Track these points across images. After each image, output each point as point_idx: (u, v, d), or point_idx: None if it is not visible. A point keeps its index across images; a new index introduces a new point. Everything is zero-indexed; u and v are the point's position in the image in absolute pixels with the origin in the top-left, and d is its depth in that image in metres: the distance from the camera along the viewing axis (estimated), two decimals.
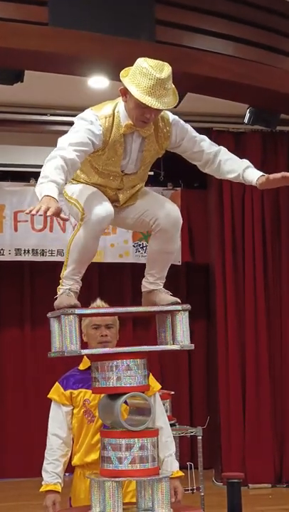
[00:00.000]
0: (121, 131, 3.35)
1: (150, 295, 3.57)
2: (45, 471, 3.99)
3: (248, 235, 8.97)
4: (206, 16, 6.13)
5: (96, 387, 3.30)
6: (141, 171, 3.51)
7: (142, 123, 3.32)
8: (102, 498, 3.19)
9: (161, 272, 3.58)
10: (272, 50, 6.46)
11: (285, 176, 3.40)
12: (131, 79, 3.26)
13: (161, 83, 3.21)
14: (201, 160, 3.54)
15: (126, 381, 3.22)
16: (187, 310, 3.38)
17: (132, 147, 3.41)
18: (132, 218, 3.58)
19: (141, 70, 3.24)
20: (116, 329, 4.04)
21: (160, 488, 3.18)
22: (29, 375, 9.30)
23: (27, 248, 8.97)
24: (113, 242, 8.90)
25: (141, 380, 3.26)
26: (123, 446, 3.18)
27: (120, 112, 3.36)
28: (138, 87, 3.21)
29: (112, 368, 3.23)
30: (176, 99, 3.31)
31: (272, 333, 8.97)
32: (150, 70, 3.21)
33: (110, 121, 3.35)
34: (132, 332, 9.21)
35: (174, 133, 3.47)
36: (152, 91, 3.20)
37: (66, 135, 3.35)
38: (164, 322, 3.43)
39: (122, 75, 3.33)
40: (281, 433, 8.91)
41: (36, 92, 7.86)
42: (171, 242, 3.52)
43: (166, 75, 3.23)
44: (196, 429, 6.83)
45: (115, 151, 3.38)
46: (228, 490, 5.43)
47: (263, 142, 9.11)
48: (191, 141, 3.51)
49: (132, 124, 3.34)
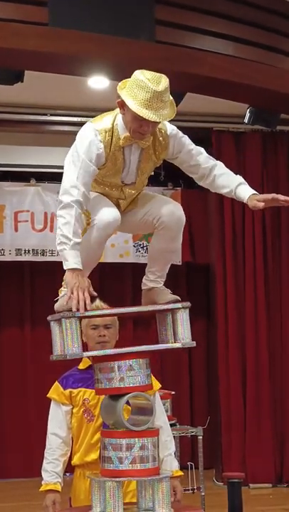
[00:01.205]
0: (120, 143, 3.37)
1: (150, 293, 3.58)
2: (44, 470, 4.00)
3: (248, 235, 8.97)
4: (206, 16, 6.13)
5: (99, 388, 3.30)
6: (140, 181, 3.53)
7: (140, 135, 3.33)
8: (102, 498, 3.19)
9: (162, 271, 3.60)
10: (272, 50, 6.46)
11: (275, 197, 3.45)
12: (128, 91, 3.26)
13: (158, 96, 3.21)
14: (197, 173, 3.55)
15: (129, 381, 3.22)
16: (187, 308, 3.38)
17: (130, 159, 3.43)
18: (135, 221, 3.59)
19: (138, 82, 3.23)
20: (115, 329, 4.05)
21: (161, 488, 3.19)
22: (29, 375, 9.30)
23: (27, 248, 8.97)
24: (113, 242, 8.89)
25: (144, 379, 3.26)
26: (124, 446, 3.18)
27: (119, 124, 3.38)
28: (135, 100, 3.22)
29: (114, 368, 3.23)
30: (173, 112, 3.32)
31: (272, 332, 8.97)
32: (147, 82, 3.21)
33: (110, 134, 3.36)
34: (132, 332, 9.22)
35: (171, 145, 3.48)
36: (149, 104, 3.21)
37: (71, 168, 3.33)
38: (165, 320, 3.43)
39: (119, 87, 3.33)
40: (281, 433, 8.91)
41: (36, 92, 7.86)
42: (174, 241, 3.54)
43: (164, 87, 3.23)
44: (196, 428, 6.84)
45: (114, 163, 3.40)
46: (228, 490, 5.42)
47: (263, 142, 9.12)
48: (188, 154, 3.52)
49: (130, 136, 3.35)
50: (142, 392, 3.29)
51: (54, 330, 3.33)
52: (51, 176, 8.81)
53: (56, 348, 3.32)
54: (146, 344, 3.41)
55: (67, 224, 3.24)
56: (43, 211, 9.00)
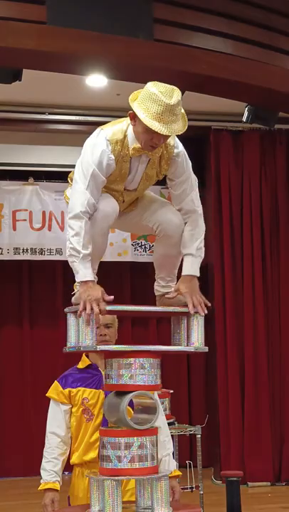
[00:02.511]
0: (129, 153, 3.37)
1: (164, 298, 3.60)
2: (43, 469, 4.01)
3: (247, 235, 8.98)
4: (204, 15, 6.12)
5: (108, 384, 3.31)
6: (141, 189, 3.55)
7: (151, 147, 3.34)
8: (101, 496, 3.19)
9: (171, 274, 3.65)
10: (270, 48, 6.45)
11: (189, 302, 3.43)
12: (140, 104, 3.26)
13: (170, 109, 3.22)
14: (177, 205, 3.56)
15: (139, 379, 3.24)
16: None
17: (138, 168, 3.45)
18: (135, 223, 3.62)
19: (150, 95, 3.23)
20: (115, 328, 4.07)
21: (159, 487, 3.19)
22: (28, 374, 9.29)
23: (26, 247, 8.97)
24: (112, 241, 8.88)
25: (154, 379, 3.28)
26: (122, 444, 3.19)
27: (129, 135, 3.37)
28: (147, 113, 3.22)
29: (125, 365, 3.24)
30: (185, 125, 3.32)
31: (270, 332, 8.98)
32: (160, 95, 3.21)
33: (120, 145, 3.36)
34: (130, 331, 9.21)
35: (173, 166, 3.48)
36: (161, 117, 3.21)
37: (81, 178, 3.32)
38: (179, 324, 3.46)
39: (130, 99, 3.33)
40: (280, 431, 8.92)
41: (34, 91, 7.86)
42: (176, 246, 3.56)
43: (176, 100, 3.24)
44: (195, 427, 6.84)
45: (120, 171, 3.41)
46: (227, 488, 5.43)
47: (261, 140, 9.12)
48: (182, 186, 3.52)
49: (140, 148, 3.35)
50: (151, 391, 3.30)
51: (70, 322, 3.33)
52: (49, 175, 8.81)
53: (70, 340, 3.32)
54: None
55: (77, 236, 3.26)
56: (41, 210, 8.99)
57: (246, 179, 9.07)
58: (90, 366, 4.09)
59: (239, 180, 9.08)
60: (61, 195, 8.53)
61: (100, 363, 4.06)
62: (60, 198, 8.64)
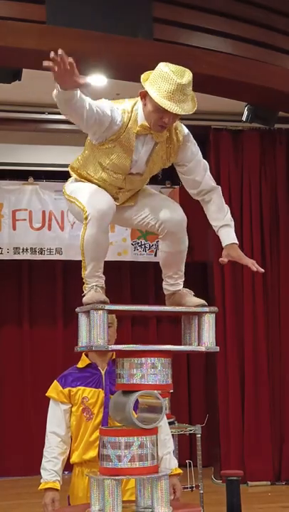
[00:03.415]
0: (135, 130, 3.35)
1: (174, 297, 3.59)
2: (43, 469, 4.01)
3: (246, 233, 8.97)
4: (204, 14, 6.13)
5: (120, 384, 3.31)
6: (146, 174, 3.52)
7: (160, 127, 3.33)
8: (101, 496, 3.19)
9: (179, 271, 3.62)
10: (270, 48, 6.46)
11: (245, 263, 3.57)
12: (151, 83, 3.26)
13: (181, 89, 3.22)
14: (195, 189, 3.59)
15: (150, 379, 3.24)
16: (214, 312, 3.42)
17: (142, 148, 3.41)
18: (136, 219, 3.60)
19: (162, 74, 3.24)
20: (114, 328, 4.07)
21: (159, 487, 3.19)
22: (28, 374, 9.30)
23: (25, 247, 8.97)
24: (112, 241, 8.79)
25: (165, 378, 3.27)
26: (122, 444, 3.18)
27: (138, 110, 3.36)
28: (158, 91, 3.22)
29: (137, 365, 3.24)
30: (194, 106, 3.32)
31: (270, 330, 8.98)
32: (171, 74, 3.22)
33: (128, 117, 3.34)
34: (130, 330, 9.22)
35: (183, 149, 3.48)
36: (172, 96, 3.21)
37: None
38: (190, 323, 3.45)
39: (142, 79, 3.32)
40: (280, 431, 8.92)
41: (34, 91, 7.85)
42: (181, 242, 3.55)
43: (187, 80, 3.24)
44: (195, 427, 6.84)
45: (124, 148, 3.37)
46: (227, 488, 5.43)
47: (261, 140, 9.12)
48: (196, 167, 3.55)
49: (147, 126, 3.34)
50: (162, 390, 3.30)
51: (81, 321, 3.34)
52: (49, 175, 8.81)
53: (82, 340, 3.32)
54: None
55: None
56: (41, 209, 9.00)
57: (246, 178, 9.08)
58: (89, 365, 4.09)
59: (239, 180, 9.08)
60: (61, 195, 8.51)
61: (100, 362, 4.06)
62: (60, 197, 8.63)
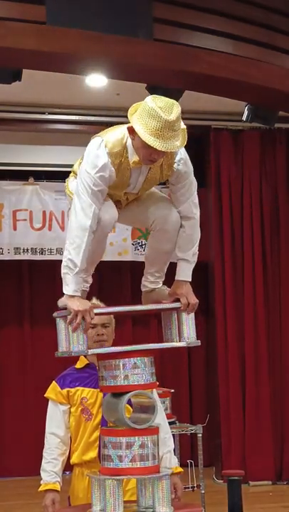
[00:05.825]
0: (129, 166, 3.34)
1: (152, 294, 3.59)
2: (43, 470, 4.00)
3: (247, 232, 8.98)
4: (204, 14, 6.12)
5: (104, 386, 3.31)
6: (141, 191, 3.53)
7: (150, 162, 3.31)
8: (102, 496, 3.19)
9: (161, 271, 3.62)
10: (270, 47, 6.46)
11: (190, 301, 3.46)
12: (138, 118, 3.20)
13: (169, 126, 3.15)
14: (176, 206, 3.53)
15: (133, 379, 3.23)
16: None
17: (138, 178, 3.42)
18: (132, 215, 3.60)
19: (149, 110, 3.16)
20: (112, 328, 4.07)
21: (161, 486, 3.18)
22: (28, 374, 9.30)
23: (26, 247, 8.97)
24: (112, 241, 8.88)
25: (148, 377, 3.27)
26: (123, 444, 3.18)
27: (129, 146, 3.33)
28: (146, 128, 3.16)
29: (119, 366, 3.23)
30: (184, 140, 3.27)
31: (271, 330, 8.98)
32: (158, 111, 3.15)
33: (120, 156, 3.32)
34: (131, 331, 9.21)
35: (174, 173, 3.44)
36: (160, 133, 3.15)
37: (85, 188, 3.27)
38: (170, 319, 3.44)
39: (130, 113, 3.28)
40: (281, 430, 8.92)
41: (34, 91, 7.86)
42: (170, 242, 3.54)
43: (175, 116, 3.17)
44: (196, 426, 6.84)
45: (121, 180, 3.38)
46: (228, 487, 5.43)
47: (261, 139, 9.13)
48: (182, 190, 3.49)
49: (139, 161, 3.32)
50: (146, 390, 3.29)
51: (59, 326, 3.33)
52: (50, 175, 8.81)
53: (61, 345, 3.32)
54: (146, 343, 3.41)
55: (78, 248, 3.24)
56: (41, 210, 8.99)
57: (246, 178, 9.08)
58: (88, 366, 4.08)
59: (239, 179, 9.08)
60: (61, 195, 8.53)
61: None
62: (61, 197, 8.63)
